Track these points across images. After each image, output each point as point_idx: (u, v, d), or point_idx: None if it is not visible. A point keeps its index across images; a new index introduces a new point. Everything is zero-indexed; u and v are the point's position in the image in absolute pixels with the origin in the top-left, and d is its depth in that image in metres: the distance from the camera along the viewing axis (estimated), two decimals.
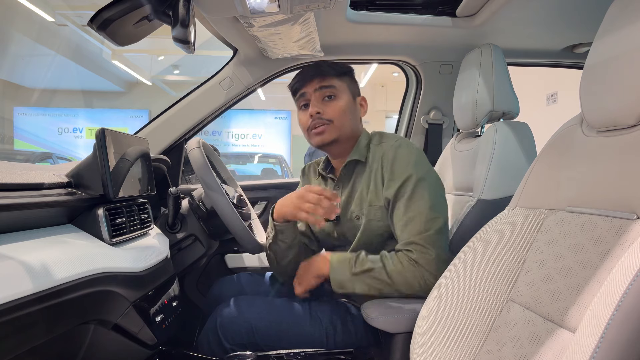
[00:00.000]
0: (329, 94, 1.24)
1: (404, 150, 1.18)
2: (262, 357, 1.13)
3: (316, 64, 1.28)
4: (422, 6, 1.59)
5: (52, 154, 8.87)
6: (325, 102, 1.24)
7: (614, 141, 0.74)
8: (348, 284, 1.12)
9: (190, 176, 2.01)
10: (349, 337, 1.18)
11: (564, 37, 1.69)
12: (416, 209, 1.12)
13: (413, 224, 1.11)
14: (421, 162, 1.18)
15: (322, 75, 1.25)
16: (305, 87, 1.26)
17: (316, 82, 1.24)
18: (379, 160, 1.21)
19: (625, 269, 0.58)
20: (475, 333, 0.86)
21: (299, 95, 1.28)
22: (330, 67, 1.26)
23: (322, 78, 1.24)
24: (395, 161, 1.17)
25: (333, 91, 1.24)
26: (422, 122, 1.94)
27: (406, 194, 1.13)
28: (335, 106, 1.23)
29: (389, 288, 1.09)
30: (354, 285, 1.12)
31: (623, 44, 0.72)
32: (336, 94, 1.25)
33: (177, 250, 1.44)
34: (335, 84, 1.25)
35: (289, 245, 1.25)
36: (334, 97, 1.24)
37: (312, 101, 1.24)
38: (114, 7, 0.89)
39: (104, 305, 0.87)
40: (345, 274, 1.13)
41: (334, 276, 1.14)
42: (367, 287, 1.11)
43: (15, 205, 0.75)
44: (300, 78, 1.27)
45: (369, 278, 1.10)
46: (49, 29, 7.86)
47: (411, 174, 1.14)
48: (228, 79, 1.79)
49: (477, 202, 1.27)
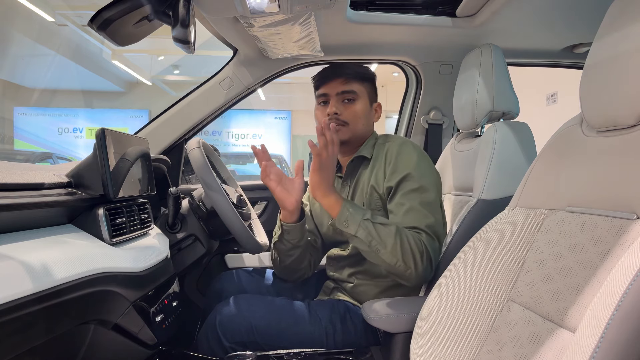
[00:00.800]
0: (349, 98, 1.29)
1: (409, 148, 1.24)
2: (262, 357, 1.13)
3: (342, 65, 1.33)
4: (422, 6, 1.59)
5: (52, 154, 8.87)
6: (345, 104, 1.29)
7: (614, 141, 0.74)
8: (352, 225, 1.10)
9: (190, 176, 2.01)
10: (349, 337, 1.19)
11: (564, 37, 1.69)
12: (418, 199, 1.15)
13: (415, 211, 1.14)
14: (424, 162, 1.23)
15: (346, 78, 1.29)
16: (328, 87, 1.31)
17: (339, 85, 1.29)
18: (382, 155, 1.25)
19: (625, 269, 0.58)
20: (475, 333, 0.86)
21: (320, 93, 1.33)
22: (355, 72, 1.31)
23: (346, 82, 1.29)
24: (400, 156, 1.21)
25: (353, 95, 1.29)
26: (422, 122, 1.94)
27: (409, 186, 1.17)
28: (352, 109, 1.29)
29: (391, 249, 1.06)
30: (357, 229, 1.09)
31: (623, 44, 0.72)
32: (355, 98, 1.30)
33: (177, 250, 1.44)
34: (356, 89, 1.30)
35: (295, 245, 1.27)
36: (353, 100, 1.30)
37: (331, 102, 1.29)
38: (114, 7, 0.89)
39: (104, 305, 0.87)
40: (355, 215, 1.10)
41: (344, 211, 1.11)
42: (369, 238, 1.08)
43: (15, 205, 0.75)
44: (324, 77, 1.32)
45: (378, 229, 1.08)
46: (49, 29, 7.87)
47: (414, 170, 1.18)
48: (228, 79, 1.79)
49: (477, 202, 1.27)
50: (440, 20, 1.58)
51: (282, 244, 1.28)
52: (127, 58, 9.60)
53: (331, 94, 1.30)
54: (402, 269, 1.07)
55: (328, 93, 1.31)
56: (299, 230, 1.27)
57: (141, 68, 10.28)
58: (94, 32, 0.96)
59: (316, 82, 1.35)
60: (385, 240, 1.07)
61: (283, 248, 1.29)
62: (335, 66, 1.34)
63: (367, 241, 1.08)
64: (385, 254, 1.07)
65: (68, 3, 7.47)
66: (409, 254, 1.06)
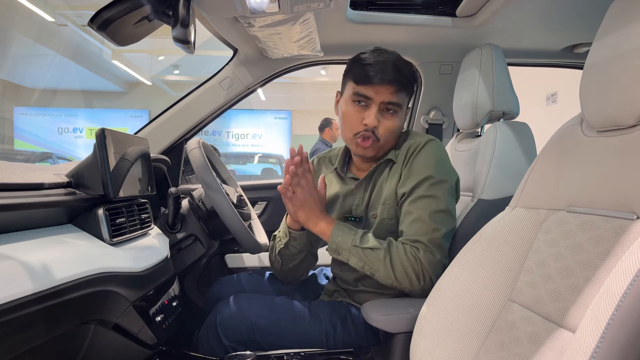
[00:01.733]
0: (392, 110, 1.15)
1: (429, 150, 1.15)
2: (262, 357, 1.13)
3: (395, 66, 1.11)
4: (422, 6, 1.59)
5: (52, 154, 8.87)
6: (385, 115, 1.14)
7: (614, 141, 0.74)
8: (344, 253, 1.10)
9: (190, 176, 2.01)
10: (349, 337, 1.18)
11: (564, 37, 1.69)
12: (428, 209, 1.10)
13: (422, 223, 1.09)
14: (443, 164, 1.15)
15: (398, 87, 1.12)
16: (374, 90, 1.12)
17: (388, 94, 1.12)
18: (402, 157, 1.18)
19: (625, 269, 0.58)
20: (475, 333, 0.86)
21: (361, 94, 1.13)
22: (407, 80, 1.13)
23: (396, 91, 1.12)
24: (417, 158, 1.14)
25: (397, 108, 1.15)
26: (422, 122, 1.94)
27: (421, 192, 1.11)
28: (391, 125, 1.15)
29: (383, 272, 1.06)
30: (349, 256, 1.10)
31: (623, 44, 0.72)
32: (398, 111, 1.15)
33: (177, 250, 1.44)
34: (402, 102, 1.15)
35: (300, 250, 1.27)
36: (395, 112, 1.15)
37: (373, 110, 1.12)
38: (114, 7, 0.89)
39: (104, 305, 0.87)
40: (345, 242, 1.10)
41: (334, 239, 1.11)
42: (361, 263, 1.09)
43: (15, 205, 0.75)
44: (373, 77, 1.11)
45: (367, 254, 1.08)
46: (49, 29, 7.87)
47: (431, 175, 1.11)
48: (228, 79, 1.79)
49: (477, 202, 1.27)
50: (440, 20, 1.58)
51: (287, 249, 1.27)
52: (127, 58, 9.60)
53: (375, 100, 1.12)
54: (399, 287, 1.08)
55: (372, 97, 1.12)
56: (305, 237, 1.26)
57: (141, 68, 10.28)
58: (94, 32, 0.96)
59: (358, 75, 1.13)
60: (376, 265, 1.07)
61: (287, 253, 1.28)
62: (387, 66, 1.11)
63: (360, 266, 1.09)
64: (379, 276, 1.08)
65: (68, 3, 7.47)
66: (403, 275, 1.06)
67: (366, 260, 1.08)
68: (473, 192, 1.32)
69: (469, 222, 1.25)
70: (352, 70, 1.16)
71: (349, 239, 1.10)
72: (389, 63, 1.12)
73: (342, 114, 1.19)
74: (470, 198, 1.32)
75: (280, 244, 1.28)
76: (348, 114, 1.16)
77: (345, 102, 1.18)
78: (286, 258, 1.29)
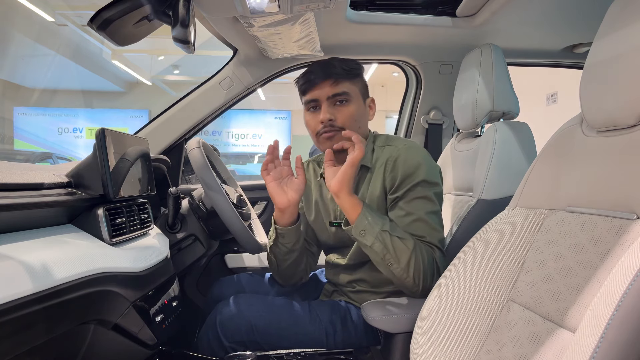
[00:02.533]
0: (341, 99, 1.18)
1: (414, 153, 1.15)
2: (262, 357, 1.13)
3: (327, 64, 1.18)
4: (422, 6, 1.59)
5: (52, 154, 8.88)
6: (337, 107, 1.18)
7: (614, 141, 0.74)
8: (369, 236, 1.04)
9: (190, 176, 2.01)
10: (349, 337, 1.18)
11: (564, 37, 1.69)
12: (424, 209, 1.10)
13: (423, 223, 1.09)
14: (434, 168, 1.16)
15: (335, 79, 1.17)
16: (316, 92, 1.18)
17: (328, 88, 1.17)
18: (382, 163, 1.18)
19: (625, 269, 0.58)
20: (475, 333, 0.86)
21: (309, 99, 1.20)
22: (343, 70, 1.18)
23: (335, 83, 1.17)
24: (406, 163, 1.13)
25: (346, 97, 1.17)
26: (422, 122, 1.94)
27: (416, 194, 1.11)
28: (347, 112, 1.17)
29: (404, 265, 1.03)
30: (374, 240, 1.03)
31: (623, 44, 0.72)
32: (348, 99, 1.18)
33: (177, 250, 1.44)
34: (347, 89, 1.18)
35: (290, 249, 1.24)
36: (346, 102, 1.18)
37: (323, 107, 1.17)
38: (114, 7, 0.89)
39: (104, 305, 0.87)
40: (374, 225, 1.04)
41: (363, 218, 1.05)
42: (385, 251, 1.03)
43: (15, 205, 0.75)
44: (311, 80, 1.18)
45: (395, 243, 1.03)
46: (49, 29, 7.86)
47: (424, 178, 1.12)
48: (228, 79, 1.79)
49: (477, 202, 1.27)
50: (440, 20, 1.58)
51: (278, 247, 1.24)
52: (127, 58, 9.60)
53: (321, 99, 1.17)
54: (409, 284, 1.06)
55: (317, 98, 1.18)
56: (293, 234, 1.22)
57: (141, 68, 10.28)
58: (94, 32, 0.96)
59: (301, 86, 1.21)
60: (400, 256, 1.03)
61: (278, 252, 1.25)
62: (320, 67, 1.18)
63: (382, 254, 1.04)
64: (396, 268, 1.04)
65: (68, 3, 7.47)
66: (420, 273, 1.03)
67: (391, 248, 1.03)
68: (473, 192, 1.32)
69: (469, 222, 1.25)
70: (298, 87, 1.24)
71: (379, 222, 1.05)
72: (318, 65, 1.20)
73: (306, 125, 1.25)
74: (470, 198, 1.32)
75: (270, 242, 1.27)
76: (308, 121, 1.23)
77: (305, 115, 1.25)
78: (279, 257, 1.27)
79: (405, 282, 1.05)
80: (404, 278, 1.05)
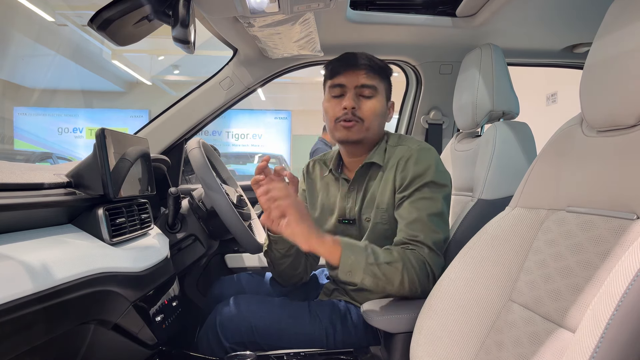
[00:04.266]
0: (367, 94, 1.18)
1: (426, 154, 1.15)
2: (262, 357, 1.13)
3: (363, 55, 1.19)
4: (422, 6, 1.59)
5: (52, 154, 8.87)
6: (362, 100, 1.18)
7: (614, 141, 0.74)
8: (357, 274, 0.99)
9: (190, 176, 2.01)
10: (349, 337, 1.18)
11: (564, 37, 1.69)
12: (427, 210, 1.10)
13: (422, 223, 1.08)
14: (443, 170, 1.16)
15: (368, 71, 1.17)
16: (346, 78, 1.17)
17: (360, 77, 1.17)
18: (394, 162, 1.17)
19: (625, 269, 0.58)
20: (475, 333, 0.86)
21: (336, 84, 1.19)
22: (377, 65, 1.19)
23: (367, 75, 1.17)
24: (417, 163, 1.13)
25: (373, 91, 1.18)
26: (422, 122, 1.94)
27: (421, 195, 1.11)
28: (371, 106, 1.17)
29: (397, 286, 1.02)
30: (363, 276, 0.99)
31: (623, 44, 0.72)
32: (374, 95, 1.18)
33: (177, 250, 1.44)
34: (376, 84, 1.18)
35: (284, 254, 1.23)
36: (371, 97, 1.18)
37: (348, 94, 1.16)
38: (114, 7, 0.90)
39: (104, 305, 0.87)
40: (358, 261, 0.99)
41: (346, 260, 0.99)
42: (376, 281, 1.00)
43: (15, 205, 0.75)
44: (343, 66, 1.18)
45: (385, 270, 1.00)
46: (49, 29, 7.87)
47: (432, 180, 1.11)
48: (228, 79, 1.79)
49: (477, 202, 1.27)
50: (440, 20, 1.58)
51: (272, 252, 1.23)
52: (127, 58, 9.60)
53: (349, 86, 1.17)
54: (407, 294, 1.05)
55: (345, 84, 1.17)
56: (287, 240, 1.16)
57: (141, 68, 10.28)
58: (94, 32, 0.96)
59: (331, 69, 1.20)
60: (393, 279, 1.01)
61: (273, 256, 1.25)
62: (355, 55, 1.19)
63: (374, 285, 1.01)
64: (391, 290, 1.03)
65: (68, 3, 7.48)
66: (415, 282, 1.03)
67: (381, 277, 1.00)
68: (473, 192, 1.32)
69: (469, 222, 1.25)
70: (326, 71, 1.24)
71: (363, 256, 1.00)
72: (355, 54, 1.20)
73: (324, 110, 1.24)
74: (470, 198, 1.32)
75: (264, 247, 1.26)
76: (328, 106, 1.21)
77: (325, 99, 1.24)
78: (274, 261, 1.26)
79: (403, 294, 1.05)
80: (401, 292, 1.04)
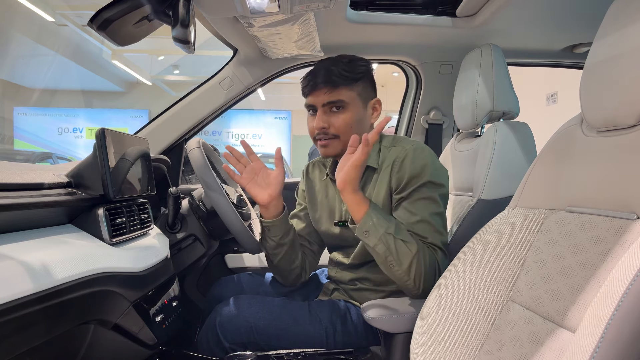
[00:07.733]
0: (336, 109, 1.17)
1: (421, 153, 1.14)
2: (262, 357, 1.13)
3: (327, 69, 1.16)
4: (422, 6, 1.59)
5: (52, 154, 8.87)
6: (333, 114, 1.17)
7: (614, 141, 0.74)
8: (372, 237, 1.03)
9: (190, 176, 2.01)
10: (349, 337, 1.18)
11: (564, 37, 1.69)
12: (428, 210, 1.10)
13: (427, 224, 1.09)
14: (440, 170, 1.16)
15: (332, 86, 1.15)
16: (313, 97, 1.18)
17: (324, 95, 1.16)
18: (389, 163, 1.17)
19: (625, 269, 0.58)
20: (475, 333, 0.86)
21: (307, 104, 1.22)
22: (341, 75, 1.16)
23: (332, 91, 1.16)
24: (414, 163, 1.12)
25: (341, 104, 1.17)
26: (422, 122, 1.94)
27: (420, 195, 1.11)
28: (342, 119, 1.16)
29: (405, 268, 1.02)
30: (377, 242, 1.02)
31: (623, 44, 0.72)
32: (345, 106, 1.17)
33: (177, 250, 1.44)
34: (344, 97, 1.16)
35: (278, 242, 1.24)
36: (342, 108, 1.17)
37: (318, 114, 1.18)
38: (114, 7, 0.90)
39: (104, 305, 0.87)
40: (378, 226, 1.02)
41: (367, 220, 1.03)
42: (387, 253, 1.02)
43: (15, 205, 0.75)
44: (309, 86, 1.18)
45: (399, 246, 1.02)
46: (49, 29, 7.87)
47: (430, 179, 1.11)
48: (228, 79, 1.79)
49: (477, 202, 1.27)
50: (440, 20, 1.58)
51: (266, 241, 1.26)
52: (127, 58, 9.60)
53: (317, 105, 1.18)
54: (410, 286, 1.06)
55: (314, 104, 1.19)
56: (279, 226, 1.22)
57: (141, 68, 10.28)
58: (94, 32, 0.96)
59: (303, 91, 1.22)
60: (403, 259, 1.02)
61: (268, 246, 1.26)
62: (319, 72, 1.17)
63: (384, 256, 1.03)
64: (397, 270, 1.04)
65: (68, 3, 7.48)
66: (421, 276, 1.03)
67: (393, 251, 1.02)
68: (473, 192, 1.32)
69: (469, 222, 1.25)
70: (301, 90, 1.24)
71: (384, 224, 1.03)
72: (318, 70, 1.18)
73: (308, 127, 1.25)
74: (470, 198, 1.32)
75: (259, 236, 1.28)
76: (308, 122, 1.24)
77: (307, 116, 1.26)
78: (269, 252, 1.28)
79: (406, 284, 1.05)
80: (405, 280, 1.05)
